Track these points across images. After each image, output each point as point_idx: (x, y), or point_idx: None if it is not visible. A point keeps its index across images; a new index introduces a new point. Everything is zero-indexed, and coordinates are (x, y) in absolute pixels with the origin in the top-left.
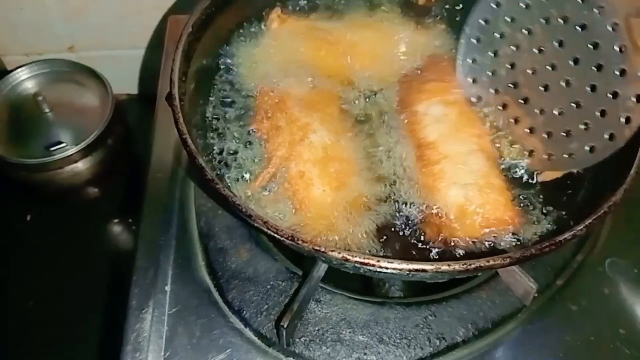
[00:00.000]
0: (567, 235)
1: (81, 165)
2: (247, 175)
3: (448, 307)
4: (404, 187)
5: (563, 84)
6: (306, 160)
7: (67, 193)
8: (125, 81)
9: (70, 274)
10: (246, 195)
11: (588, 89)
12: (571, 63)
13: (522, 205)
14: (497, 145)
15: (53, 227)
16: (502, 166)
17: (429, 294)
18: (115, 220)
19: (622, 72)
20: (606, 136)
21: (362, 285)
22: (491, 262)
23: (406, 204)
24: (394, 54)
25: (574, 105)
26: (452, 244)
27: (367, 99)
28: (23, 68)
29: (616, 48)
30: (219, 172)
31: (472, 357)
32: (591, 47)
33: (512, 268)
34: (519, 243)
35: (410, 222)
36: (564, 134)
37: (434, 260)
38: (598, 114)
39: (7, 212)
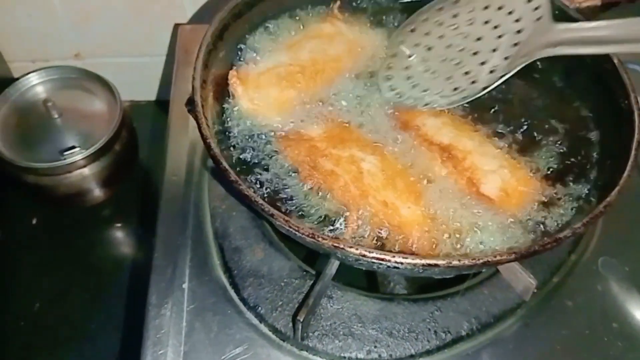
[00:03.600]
0: (566, 232)
1: (88, 170)
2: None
3: (453, 302)
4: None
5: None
6: (377, 188)
7: (74, 197)
8: (130, 88)
9: (75, 276)
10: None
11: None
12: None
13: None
14: None
15: (59, 231)
16: None
17: (435, 291)
18: (119, 225)
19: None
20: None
21: (368, 283)
22: (498, 257)
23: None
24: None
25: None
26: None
27: (361, 107)
28: (32, 74)
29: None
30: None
31: (475, 349)
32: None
33: (513, 265)
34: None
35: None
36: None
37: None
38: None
39: (13, 216)
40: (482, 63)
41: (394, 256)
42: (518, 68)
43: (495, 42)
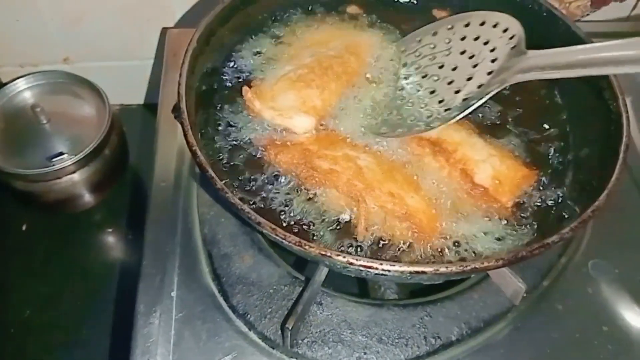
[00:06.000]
0: (554, 238)
1: (78, 176)
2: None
3: (442, 307)
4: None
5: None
6: (379, 181)
7: (64, 203)
8: (119, 92)
9: (66, 281)
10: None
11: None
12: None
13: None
14: None
15: (49, 237)
16: None
17: (425, 296)
18: (110, 230)
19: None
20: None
21: (358, 288)
22: (485, 264)
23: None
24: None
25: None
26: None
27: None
28: (20, 79)
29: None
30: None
31: (465, 354)
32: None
33: (503, 270)
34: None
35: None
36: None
37: (432, 262)
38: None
39: (3, 222)
40: (457, 92)
41: (381, 264)
42: (491, 94)
43: (471, 71)
